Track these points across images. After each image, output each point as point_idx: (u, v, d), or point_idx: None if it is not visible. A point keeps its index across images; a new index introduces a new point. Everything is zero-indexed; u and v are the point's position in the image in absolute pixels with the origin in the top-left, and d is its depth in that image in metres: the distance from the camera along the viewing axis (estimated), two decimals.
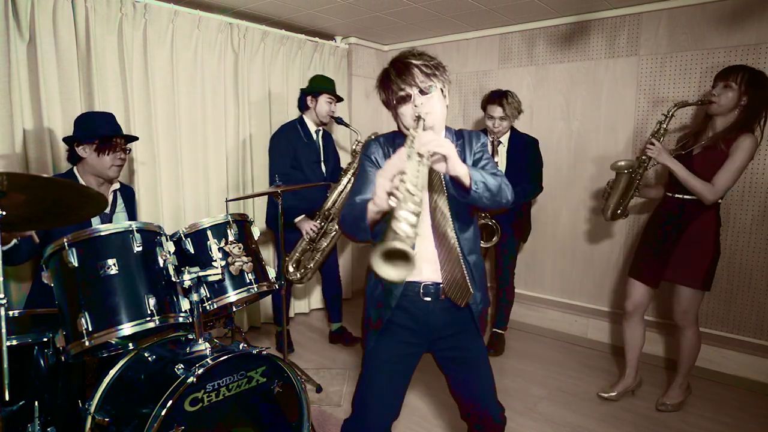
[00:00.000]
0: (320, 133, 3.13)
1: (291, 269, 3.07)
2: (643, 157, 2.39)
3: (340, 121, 3.15)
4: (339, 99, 3.13)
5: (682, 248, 2.32)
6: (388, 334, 1.47)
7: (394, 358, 1.48)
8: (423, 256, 1.40)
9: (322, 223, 3.05)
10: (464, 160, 1.45)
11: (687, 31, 2.92)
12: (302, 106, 3.08)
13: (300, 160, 3.04)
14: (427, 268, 1.44)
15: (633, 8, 3.06)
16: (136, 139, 2.23)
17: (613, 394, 2.60)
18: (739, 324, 2.89)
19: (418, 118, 1.34)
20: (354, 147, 3.32)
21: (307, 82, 3.14)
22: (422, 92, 1.37)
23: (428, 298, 1.45)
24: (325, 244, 3.09)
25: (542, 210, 3.59)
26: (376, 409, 1.49)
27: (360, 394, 1.51)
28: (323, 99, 3.00)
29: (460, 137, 1.52)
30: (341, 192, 3.08)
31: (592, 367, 3.02)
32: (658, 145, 2.32)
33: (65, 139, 2.10)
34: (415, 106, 1.37)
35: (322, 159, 3.13)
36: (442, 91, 1.42)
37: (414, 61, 1.37)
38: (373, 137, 1.59)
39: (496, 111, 2.93)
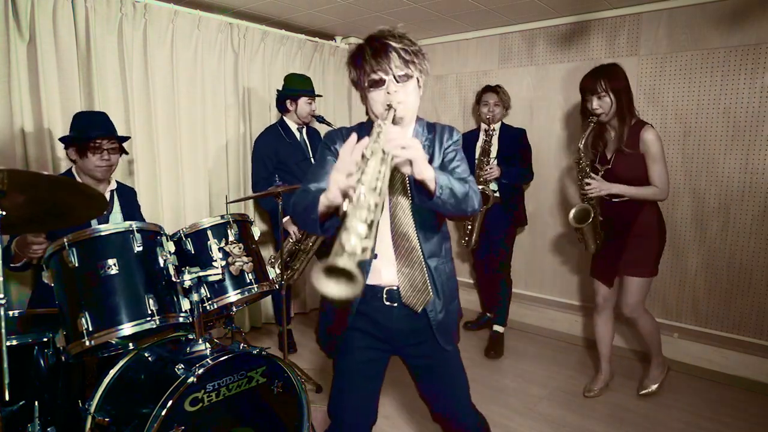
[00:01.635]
0: (304, 130, 3.12)
1: (276, 271, 3.04)
2: (589, 198, 2.44)
3: (321, 119, 3.06)
4: (317, 95, 3.11)
5: (630, 244, 2.41)
6: (351, 341, 1.41)
7: (360, 364, 1.42)
8: (384, 257, 1.33)
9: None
10: (432, 156, 1.37)
11: (687, 31, 2.92)
12: (282, 108, 3.07)
13: (286, 162, 3.02)
14: (389, 271, 1.34)
15: (633, 8, 3.06)
16: (126, 139, 2.17)
17: (596, 389, 2.68)
18: (739, 324, 2.89)
19: (389, 107, 1.24)
20: None
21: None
22: (397, 80, 1.27)
23: (392, 303, 1.35)
24: (311, 244, 3.06)
25: (542, 210, 3.59)
26: (352, 415, 1.44)
27: (333, 402, 1.46)
28: (302, 101, 2.98)
29: (431, 131, 1.42)
30: None
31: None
32: (596, 182, 2.37)
33: (61, 140, 2.09)
34: (388, 93, 1.26)
35: (310, 156, 3.09)
36: (418, 81, 1.32)
37: (393, 44, 1.25)
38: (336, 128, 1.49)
39: (491, 97, 3.20)
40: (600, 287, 2.59)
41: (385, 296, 1.35)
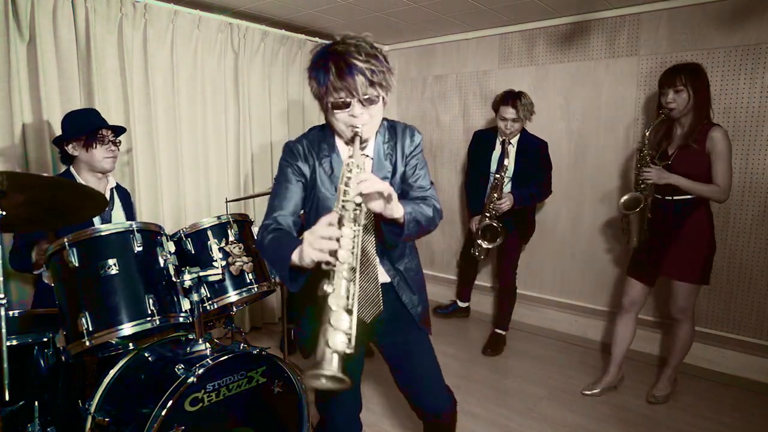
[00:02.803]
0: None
1: None
2: (643, 185, 2.41)
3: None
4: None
5: (677, 246, 2.37)
6: None
7: None
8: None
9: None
10: (395, 166, 1.38)
11: (687, 31, 2.92)
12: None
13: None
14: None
15: (633, 8, 3.06)
16: (124, 130, 2.18)
17: (597, 390, 2.66)
18: (739, 324, 2.89)
19: (354, 132, 1.21)
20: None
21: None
22: (363, 103, 1.22)
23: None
24: None
25: (542, 210, 3.59)
26: (340, 406, 1.51)
27: (319, 398, 1.52)
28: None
29: (393, 135, 1.39)
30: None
31: (592, 367, 3.02)
32: (655, 170, 2.35)
33: (54, 142, 2.08)
34: (353, 116, 1.22)
35: None
36: (383, 99, 1.27)
37: (359, 63, 1.18)
38: (293, 140, 1.43)
39: (509, 112, 2.92)
40: (631, 288, 2.54)
41: None
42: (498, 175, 2.99)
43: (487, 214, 3.02)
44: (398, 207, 1.18)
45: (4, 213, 1.36)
